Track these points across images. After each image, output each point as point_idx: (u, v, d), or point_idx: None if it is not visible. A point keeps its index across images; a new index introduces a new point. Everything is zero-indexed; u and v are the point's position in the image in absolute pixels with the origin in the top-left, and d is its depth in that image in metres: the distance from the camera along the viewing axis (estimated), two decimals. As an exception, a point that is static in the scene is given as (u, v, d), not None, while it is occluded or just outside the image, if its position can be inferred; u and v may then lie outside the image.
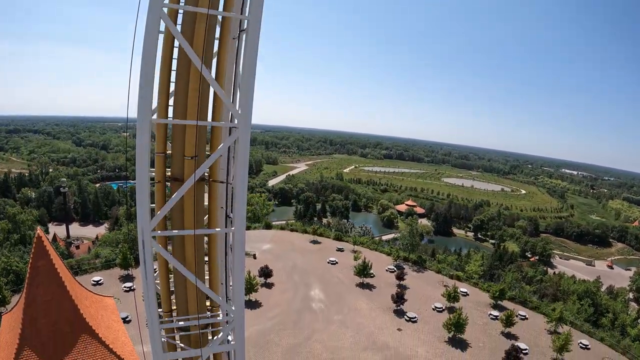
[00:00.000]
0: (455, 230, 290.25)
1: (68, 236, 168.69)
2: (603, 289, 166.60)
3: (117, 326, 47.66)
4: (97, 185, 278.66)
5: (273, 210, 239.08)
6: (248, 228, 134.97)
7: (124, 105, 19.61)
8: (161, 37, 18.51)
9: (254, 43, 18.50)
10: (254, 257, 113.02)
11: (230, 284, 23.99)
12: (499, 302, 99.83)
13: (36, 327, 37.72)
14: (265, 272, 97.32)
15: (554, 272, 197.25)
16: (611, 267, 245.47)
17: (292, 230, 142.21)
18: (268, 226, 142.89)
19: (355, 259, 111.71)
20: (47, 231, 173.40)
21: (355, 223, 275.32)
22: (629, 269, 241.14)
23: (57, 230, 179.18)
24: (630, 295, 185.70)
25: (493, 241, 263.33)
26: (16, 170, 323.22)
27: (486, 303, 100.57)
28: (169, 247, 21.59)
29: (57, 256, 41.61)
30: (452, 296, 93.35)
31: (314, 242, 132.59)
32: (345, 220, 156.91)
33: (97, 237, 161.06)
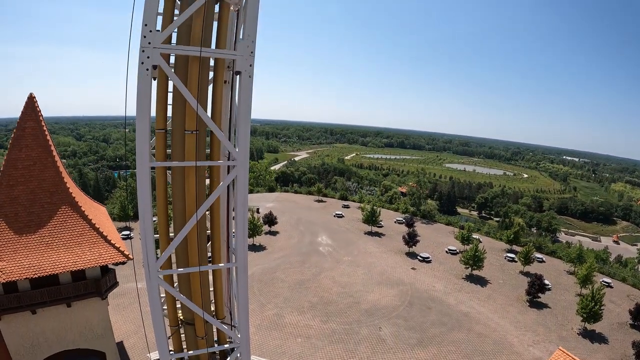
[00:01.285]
0: (459, 210, 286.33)
1: None
2: (611, 258, 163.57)
3: (105, 221, 43.54)
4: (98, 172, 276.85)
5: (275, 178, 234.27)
6: (250, 191, 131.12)
7: (122, 106, 19.80)
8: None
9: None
10: (257, 211, 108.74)
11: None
12: (514, 246, 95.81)
13: (12, 194, 34.00)
14: (270, 219, 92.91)
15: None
16: (617, 243, 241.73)
17: (295, 192, 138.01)
18: (271, 189, 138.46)
19: (362, 209, 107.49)
20: None
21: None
22: (635, 244, 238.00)
23: None
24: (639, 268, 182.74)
25: (497, 219, 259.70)
26: None
27: (501, 248, 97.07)
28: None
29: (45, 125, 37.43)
30: (466, 237, 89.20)
31: (319, 201, 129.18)
32: (350, 182, 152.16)
33: None
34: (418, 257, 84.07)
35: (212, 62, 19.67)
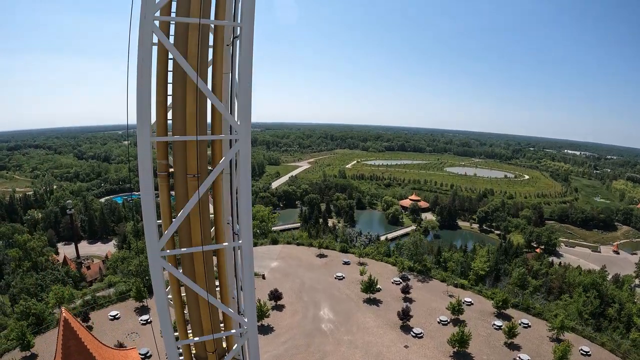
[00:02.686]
0: (460, 223, 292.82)
1: (78, 256, 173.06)
2: (609, 277, 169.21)
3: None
4: (102, 200, 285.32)
5: (277, 218, 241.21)
6: (255, 244, 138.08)
7: (123, 112, 19.82)
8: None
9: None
10: (263, 277, 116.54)
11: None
12: (503, 310, 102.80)
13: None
14: (275, 295, 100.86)
15: (560, 263, 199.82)
16: (617, 252, 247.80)
17: (298, 244, 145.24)
18: (274, 241, 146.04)
19: (362, 273, 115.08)
20: (56, 252, 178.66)
21: (361, 221, 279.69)
22: (635, 253, 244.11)
23: (67, 250, 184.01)
24: (637, 281, 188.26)
25: (499, 232, 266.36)
26: (20, 189, 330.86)
27: (490, 312, 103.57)
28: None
29: (82, 329, 44.93)
30: (457, 309, 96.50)
31: (321, 255, 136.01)
32: (351, 229, 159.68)
33: (106, 257, 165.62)
34: (411, 332, 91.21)
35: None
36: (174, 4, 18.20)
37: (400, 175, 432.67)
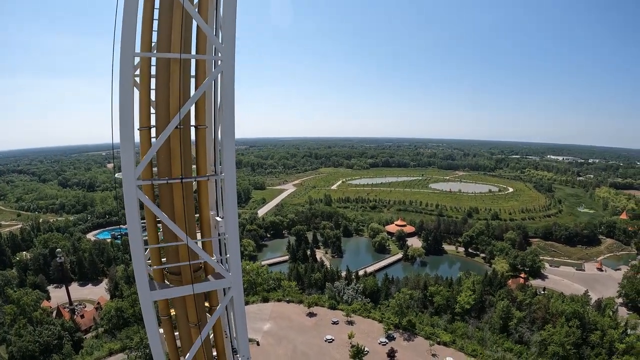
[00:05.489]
0: (446, 247, 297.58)
1: (70, 302, 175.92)
2: (592, 302, 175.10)
3: None
4: (91, 236, 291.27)
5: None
6: (246, 303, 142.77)
7: (108, 130, 20.24)
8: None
9: None
10: (257, 343, 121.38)
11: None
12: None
13: None
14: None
15: (544, 289, 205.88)
16: (601, 269, 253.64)
17: (288, 302, 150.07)
18: (265, 299, 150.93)
19: (350, 336, 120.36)
20: (48, 297, 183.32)
21: (348, 250, 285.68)
22: (618, 269, 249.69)
23: (58, 293, 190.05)
24: (620, 300, 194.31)
25: (484, 255, 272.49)
26: (6, 223, 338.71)
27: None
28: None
29: None
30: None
31: (310, 314, 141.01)
32: (338, 283, 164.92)
33: (99, 303, 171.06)
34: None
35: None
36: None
37: (386, 196, 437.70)
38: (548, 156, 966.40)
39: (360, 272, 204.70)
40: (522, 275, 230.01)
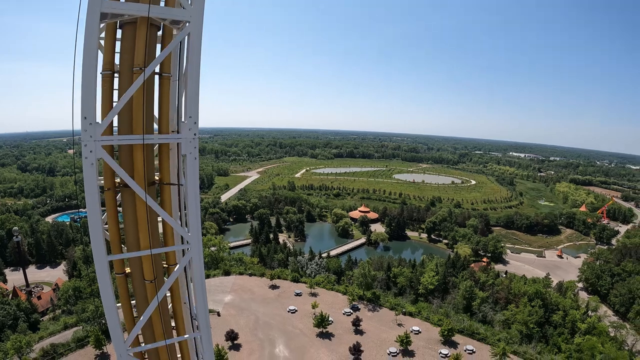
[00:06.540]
0: (409, 233, 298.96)
1: (27, 284, 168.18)
2: (553, 284, 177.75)
3: None
4: (50, 219, 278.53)
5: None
6: (207, 276, 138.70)
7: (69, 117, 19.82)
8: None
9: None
10: (218, 314, 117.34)
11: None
12: (450, 337, 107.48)
13: None
14: (232, 336, 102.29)
15: (506, 272, 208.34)
16: (561, 257, 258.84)
17: (250, 275, 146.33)
18: (227, 272, 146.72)
19: (314, 306, 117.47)
20: (4, 280, 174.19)
21: (311, 234, 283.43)
22: (578, 257, 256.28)
23: (15, 276, 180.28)
24: (580, 285, 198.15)
25: (447, 241, 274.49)
26: None
27: (437, 340, 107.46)
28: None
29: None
30: (405, 341, 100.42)
31: (273, 287, 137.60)
32: (302, 257, 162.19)
33: (56, 285, 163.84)
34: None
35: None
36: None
37: (350, 185, 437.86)
38: (510, 153, 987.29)
39: (324, 255, 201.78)
40: (485, 260, 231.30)
